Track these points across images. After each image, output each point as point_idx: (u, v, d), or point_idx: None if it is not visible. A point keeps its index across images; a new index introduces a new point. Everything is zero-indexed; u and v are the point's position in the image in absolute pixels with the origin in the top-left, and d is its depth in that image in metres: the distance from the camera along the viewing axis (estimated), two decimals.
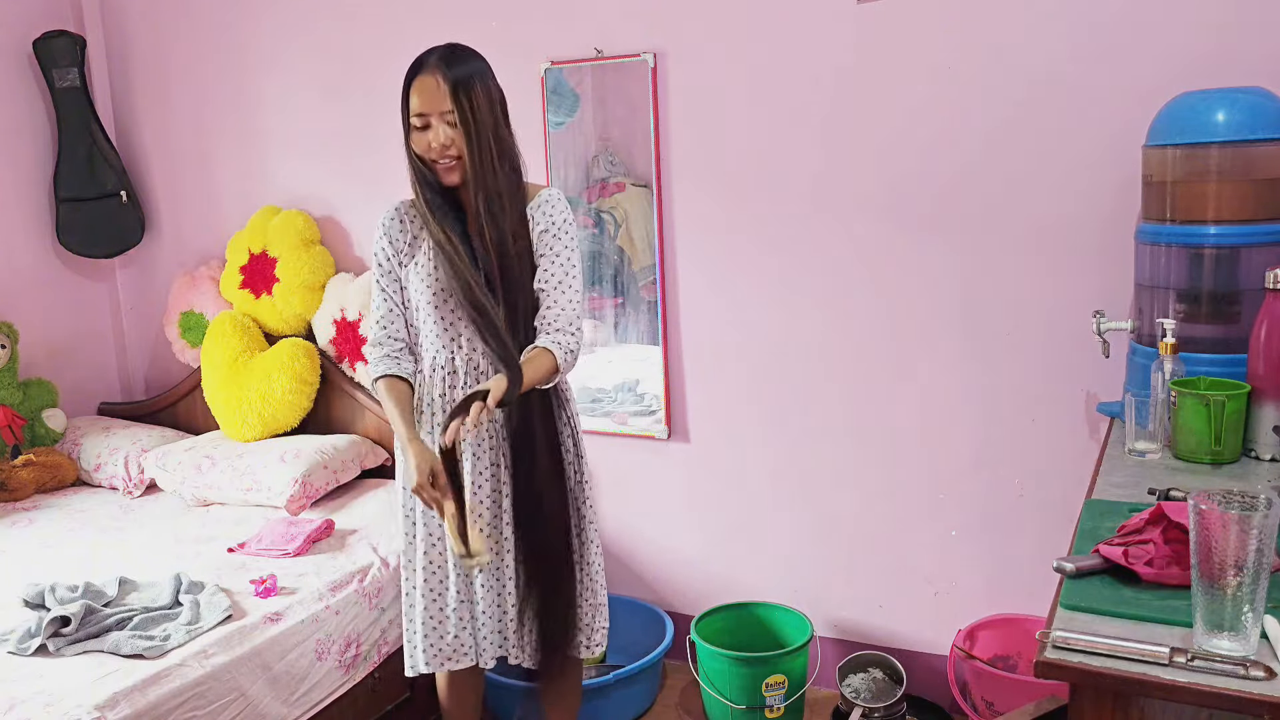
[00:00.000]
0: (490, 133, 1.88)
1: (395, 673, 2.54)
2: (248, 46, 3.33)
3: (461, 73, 1.86)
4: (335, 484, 2.96)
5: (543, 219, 1.98)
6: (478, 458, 2.01)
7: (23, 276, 3.46)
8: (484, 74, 1.90)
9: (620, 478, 2.97)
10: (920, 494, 2.63)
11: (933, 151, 2.45)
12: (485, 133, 1.87)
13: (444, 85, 1.85)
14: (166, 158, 3.58)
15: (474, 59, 1.91)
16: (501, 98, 1.93)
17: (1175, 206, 1.96)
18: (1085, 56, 2.26)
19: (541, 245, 1.97)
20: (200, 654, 2.08)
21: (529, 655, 2.08)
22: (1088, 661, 1.14)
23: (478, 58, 1.92)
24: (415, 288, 2.01)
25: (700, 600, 2.91)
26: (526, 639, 2.07)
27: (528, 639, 2.07)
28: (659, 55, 2.70)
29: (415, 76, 1.88)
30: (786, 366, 2.72)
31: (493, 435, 2.01)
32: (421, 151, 1.91)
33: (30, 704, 1.88)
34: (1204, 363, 1.89)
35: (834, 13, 2.49)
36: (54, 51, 3.39)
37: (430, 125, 1.88)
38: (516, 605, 2.06)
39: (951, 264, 2.48)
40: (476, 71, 1.89)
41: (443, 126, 1.87)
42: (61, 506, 3.10)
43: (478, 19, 2.89)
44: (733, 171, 2.68)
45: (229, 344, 3.25)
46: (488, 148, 1.88)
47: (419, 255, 2.00)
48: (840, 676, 2.55)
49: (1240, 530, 1.10)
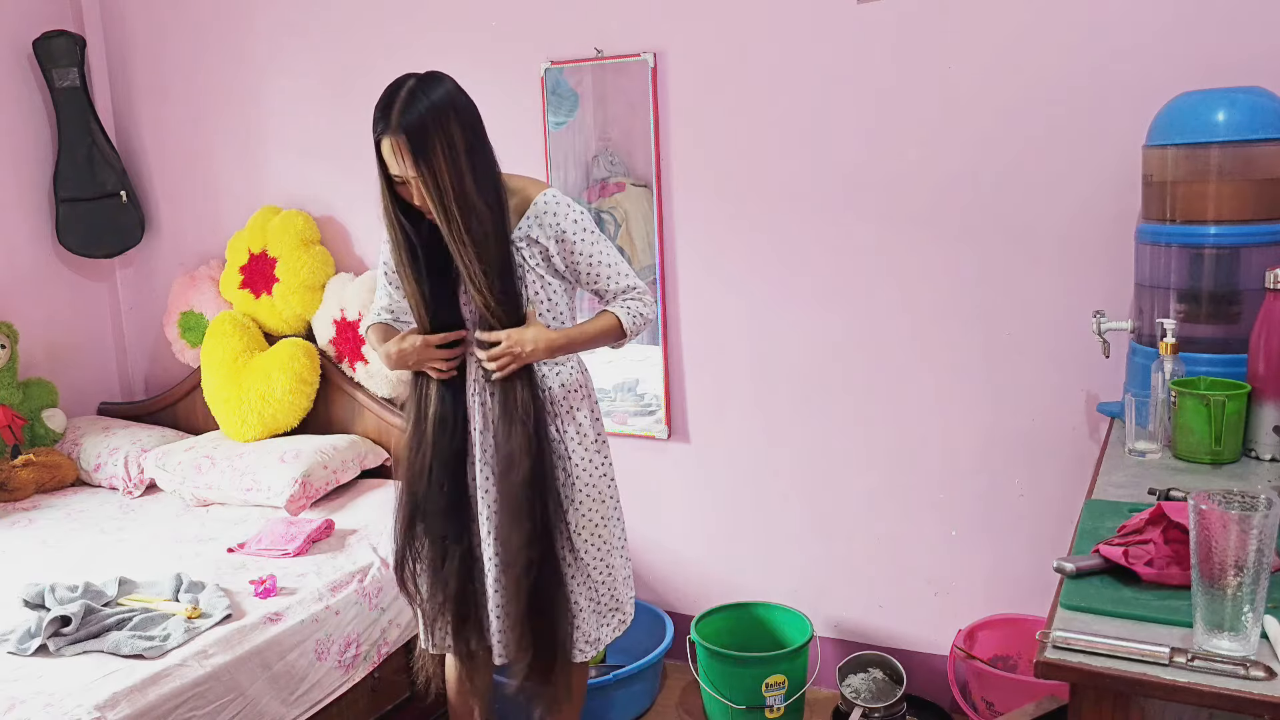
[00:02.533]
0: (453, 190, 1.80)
1: (395, 673, 2.54)
2: (247, 47, 3.33)
3: (418, 129, 1.78)
4: (335, 484, 2.96)
5: (550, 232, 1.95)
6: (484, 463, 2.01)
7: (23, 276, 3.46)
8: (444, 114, 1.80)
9: (620, 478, 2.95)
10: (920, 494, 2.62)
11: (932, 151, 2.45)
12: (448, 193, 1.80)
13: (406, 154, 1.79)
14: (166, 158, 3.58)
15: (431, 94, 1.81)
16: (470, 124, 1.85)
17: (1175, 206, 1.96)
18: (1085, 56, 2.26)
19: (567, 257, 1.97)
20: (200, 654, 2.08)
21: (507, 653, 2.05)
22: (1088, 661, 1.14)
23: (437, 87, 1.83)
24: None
25: (700, 600, 2.91)
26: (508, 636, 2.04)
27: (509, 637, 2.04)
28: (659, 55, 2.70)
29: (381, 136, 1.82)
30: (786, 366, 2.72)
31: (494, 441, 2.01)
32: (409, 201, 1.88)
33: (30, 704, 1.88)
34: (1204, 363, 1.90)
35: (834, 13, 2.49)
36: (54, 51, 3.39)
37: (406, 183, 1.85)
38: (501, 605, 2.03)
39: (951, 264, 2.48)
40: (436, 118, 1.79)
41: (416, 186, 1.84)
42: (61, 506, 3.10)
43: (478, 19, 2.89)
44: (733, 171, 2.68)
45: (229, 344, 3.24)
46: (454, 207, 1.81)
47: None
48: (840, 676, 2.55)
49: (1240, 530, 1.10)
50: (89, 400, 3.66)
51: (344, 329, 3.16)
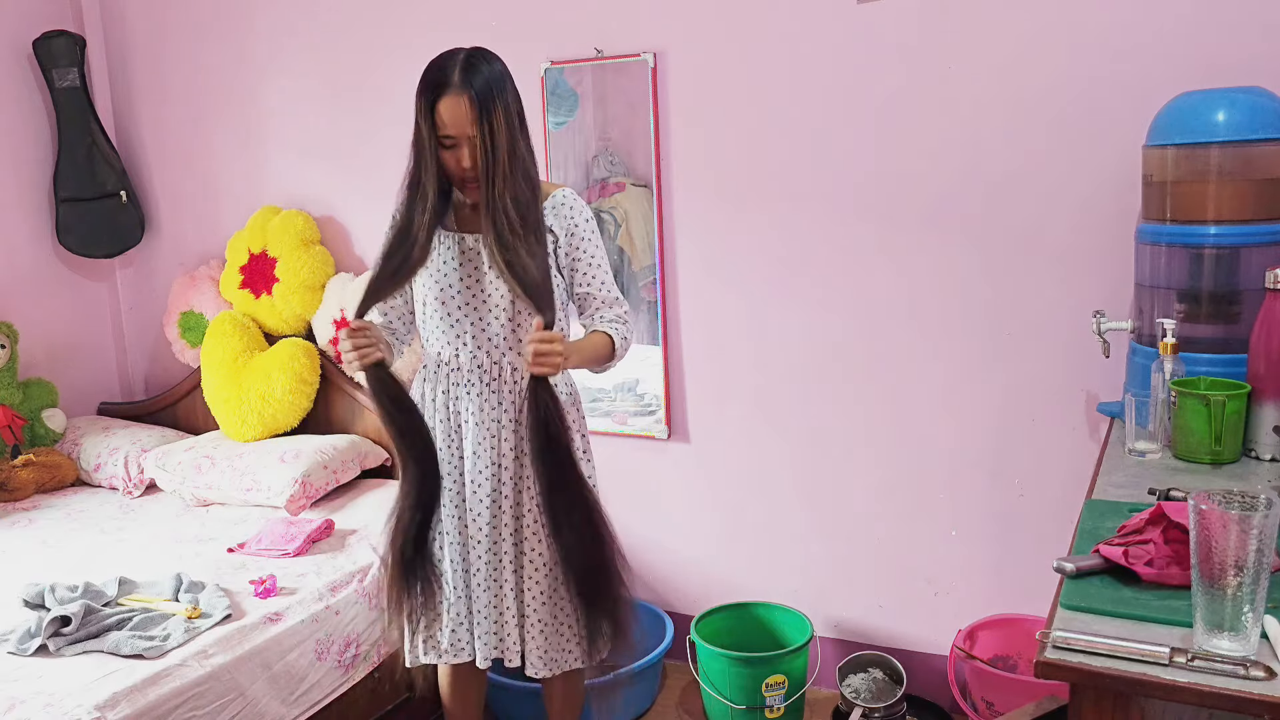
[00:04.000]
0: (505, 154, 1.85)
1: (395, 673, 2.54)
2: (247, 47, 3.33)
3: (484, 90, 1.83)
4: (335, 484, 2.96)
5: (564, 224, 2.00)
6: (478, 456, 2.01)
7: (23, 276, 3.46)
8: (503, 83, 1.88)
9: (620, 478, 2.97)
10: (920, 494, 2.62)
11: (932, 151, 2.45)
12: (501, 156, 1.84)
13: (470, 109, 1.82)
14: (166, 158, 3.58)
15: (492, 64, 1.89)
16: (519, 105, 1.91)
17: (1175, 206, 1.95)
18: (1086, 56, 2.26)
19: (572, 251, 2.01)
20: (200, 654, 2.08)
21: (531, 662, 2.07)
22: (1088, 661, 1.14)
23: (495, 60, 1.90)
24: (423, 283, 2.02)
25: (700, 600, 2.91)
26: (530, 645, 2.06)
27: (531, 645, 2.06)
28: (659, 55, 2.70)
29: (441, 95, 1.84)
30: (787, 366, 2.72)
31: (494, 435, 2.01)
32: (450, 169, 1.90)
33: (30, 704, 1.88)
34: (1204, 363, 1.90)
35: (834, 13, 2.49)
36: (54, 51, 3.39)
37: (458, 144, 1.86)
38: (516, 612, 2.05)
39: (951, 264, 2.48)
40: (496, 84, 1.86)
41: (469, 147, 1.86)
42: (61, 506, 3.10)
43: (478, 19, 2.89)
44: (733, 171, 2.68)
45: (229, 344, 3.24)
46: (503, 171, 1.85)
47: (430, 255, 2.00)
48: (840, 676, 2.55)
49: (1240, 530, 1.10)
50: (89, 400, 3.66)
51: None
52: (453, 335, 2.01)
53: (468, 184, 1.91)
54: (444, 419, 2.04)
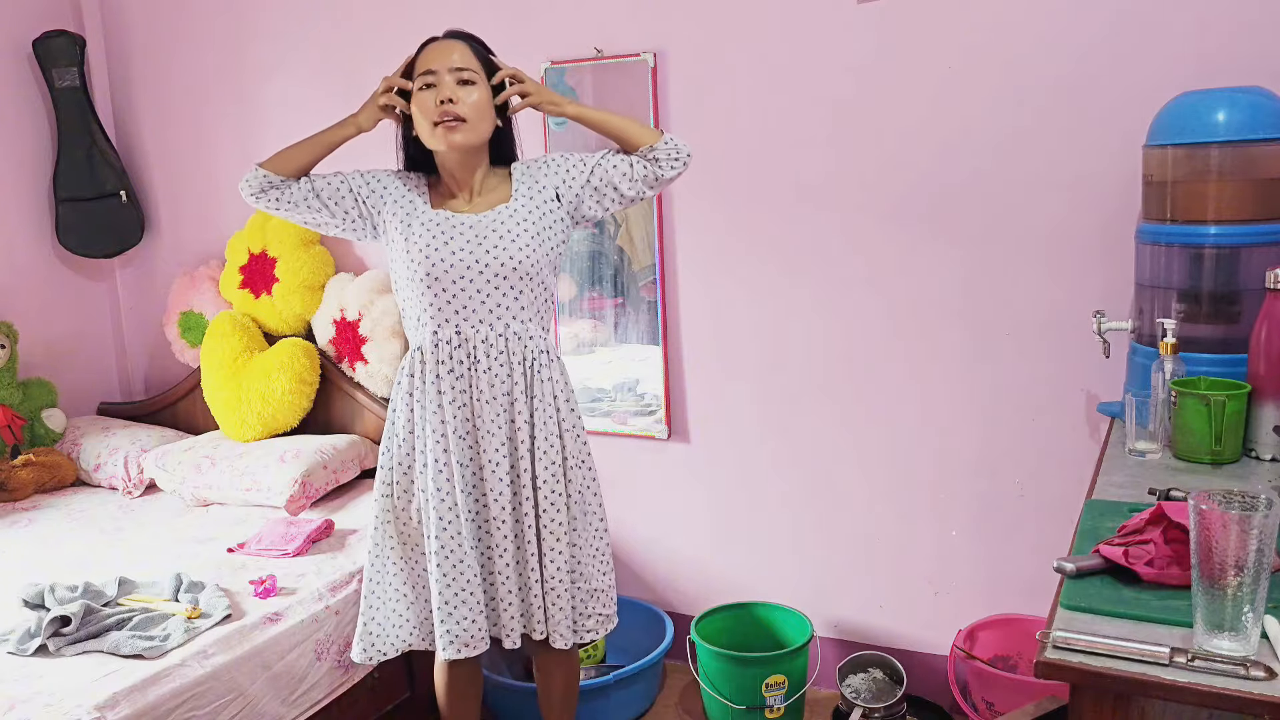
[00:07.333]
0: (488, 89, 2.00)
1: (394, 673, 2.54)
2: (248, 47, 3.33)
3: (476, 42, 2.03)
4: (335, 484, 2.96)
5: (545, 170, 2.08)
6: (492, 434, 2.00)
7: (23, 276, 3.46)
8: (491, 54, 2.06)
9: (620, 478, 2.97)
10: (920, 494, 2.62)
11: (932, 152, 2.45)
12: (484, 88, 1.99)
13: (460, 44, 1.98)
14: (166, 158, 3.58)
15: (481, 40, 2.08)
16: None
17: (1175, 206, 1.95)
18: (1086, 56, 2.26)
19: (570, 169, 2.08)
20: (200, 654, 2.08)
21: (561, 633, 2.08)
22: (1088, 662, 1.14)
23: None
24: (405, 265, 2.00)
25: (700, 600, 2.91)
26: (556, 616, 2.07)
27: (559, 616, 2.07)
28: (659, 55, 2.70)
29: (429, 42, 2.01)
30: (787, 366, 2.72)
31: (506, 410, 2.01)
32: (424, 112, 1.96)
33: (30, 704, 1.88)
34: (1204, 363, 1.89)
35: (834, 13, 2.49)
36: (54, 51, 3.39)
37: (436, 83, 1.94)
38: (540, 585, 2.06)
39: (952, 264, 2.48)
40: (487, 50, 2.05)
41: (449, 81, 1.94)
42: (61, 506, 3.10)
43: (477, 19, 2.88)
44: (733, 172, 2.68)
45: (229, 344, 3.24)
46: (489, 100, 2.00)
47: (414, 226, 2.00)
48: (840, 677, 2.55)
49: (1240, 530, 1.10)
50: (89, 400, 3.66)
51: (344, 329, 3.16)
52: (441, 318, 1.99)
53: (439, 130, 1.95)
54: (451, 400, 2.00)
